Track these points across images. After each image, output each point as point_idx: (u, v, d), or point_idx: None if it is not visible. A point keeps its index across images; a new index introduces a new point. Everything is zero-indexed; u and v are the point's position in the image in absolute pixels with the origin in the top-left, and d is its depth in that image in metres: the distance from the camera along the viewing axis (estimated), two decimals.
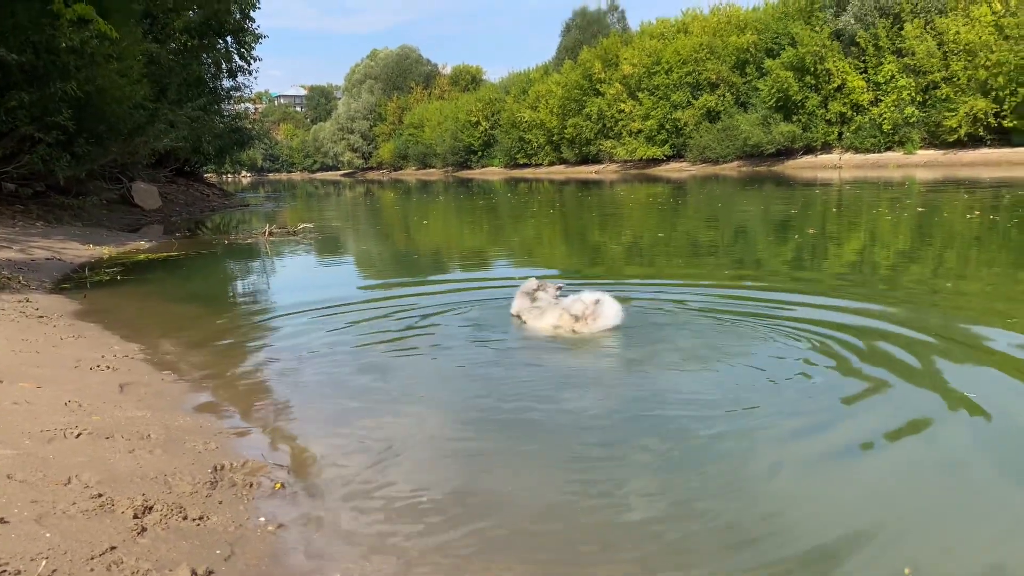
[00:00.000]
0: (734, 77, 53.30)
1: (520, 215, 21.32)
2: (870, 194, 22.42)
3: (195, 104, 27.01)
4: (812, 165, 46.34)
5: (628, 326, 6.23)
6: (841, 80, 46.18)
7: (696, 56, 54.44)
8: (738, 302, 7.00)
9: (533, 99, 72.01)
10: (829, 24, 47.32)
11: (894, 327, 5.84)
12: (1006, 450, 3.65)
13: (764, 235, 13.33)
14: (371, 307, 7.57)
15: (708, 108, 53.85)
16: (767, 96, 48.92)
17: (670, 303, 7.06)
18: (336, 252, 13.93)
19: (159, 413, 4.29)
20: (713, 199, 24.22)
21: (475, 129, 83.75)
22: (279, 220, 21.65)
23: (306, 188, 62.30)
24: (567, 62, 70.40)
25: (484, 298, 7.91)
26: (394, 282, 9.40)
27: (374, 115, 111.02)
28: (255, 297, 8.69)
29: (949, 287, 7.51)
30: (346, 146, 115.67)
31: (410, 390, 4.84)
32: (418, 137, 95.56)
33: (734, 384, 4.66)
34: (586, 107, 63.90)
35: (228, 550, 2.74)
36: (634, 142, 59.09)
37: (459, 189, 43.79)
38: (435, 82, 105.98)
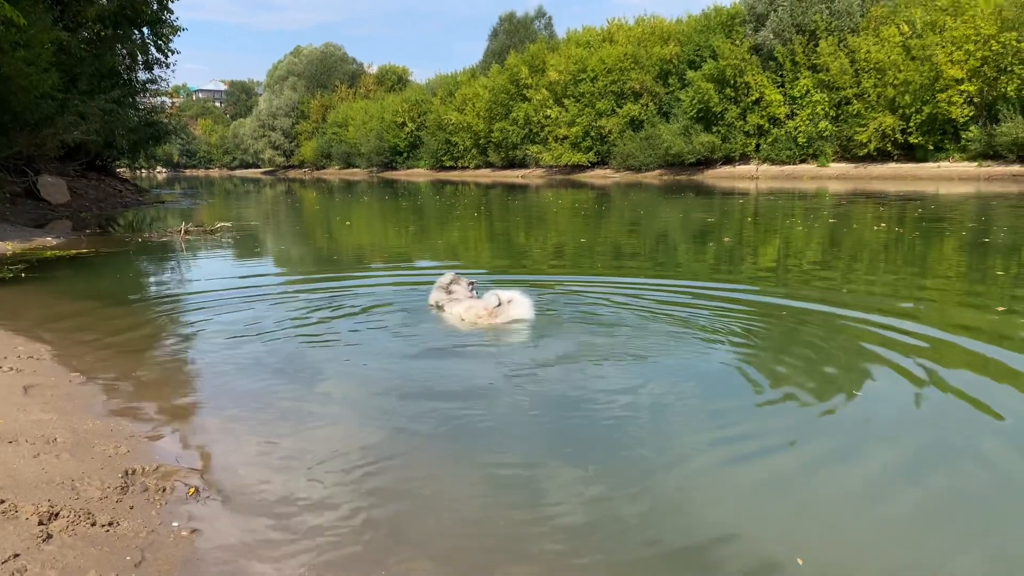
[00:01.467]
0: (657, 87, 54.40)
1: (446, 217, 21.31)
2: (785, 205, 23.23)
3: (108, 96, 26.11)
4: (730, 175, 47.69)
5: (547, 320, 6.36)
6: (759, 93, 47.68)
7: (620, 65, 55.37)
8: (655, 297, 7.19)
9: (460, 102, 71.97)
10: (749, 38, 48.83)
11: (805, 325, 6.10)
12: (899, 439, 3.87)
13: (684, 242, 13.68)
14: (288, 306, 7.48)
15: (632, 117, 54.81)
16: (688, 107, 50.13)
17: (592, 298, 7.21)
18: (255, 252, 13.66)
19: (67, 416, 4.17)
20: (636, 206, 24.69)
21: (401, 130, 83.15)
22: (196, 218, 21.10)
23: (225, 185, 60.77)
24: (494, 66, 70.60)
25: (404, 296, 7.95)
26: (312, 280, 9.30)
27: (296, 112, 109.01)
28: (169, 297, 8.47)
29: (852, 288, 7.86)
30: (267, 143, 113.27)
31: (327, 391, 4.82)
32: (342, 136, 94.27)
33: (646, 380, 4.79)
34: (513, 112, 64.21)
35: (139, 556, 2.70)
36: (560, 148, 59.66)
37: (384, 190, 43.43)
38: (360, 81, 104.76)
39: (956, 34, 38.53)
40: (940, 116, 39.17)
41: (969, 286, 8.33)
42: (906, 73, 40.48)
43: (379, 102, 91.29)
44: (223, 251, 13.26)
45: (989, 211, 18.51)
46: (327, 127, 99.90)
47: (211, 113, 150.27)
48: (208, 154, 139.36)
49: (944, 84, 38.62)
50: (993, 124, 37.35)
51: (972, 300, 7.49)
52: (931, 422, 4.16)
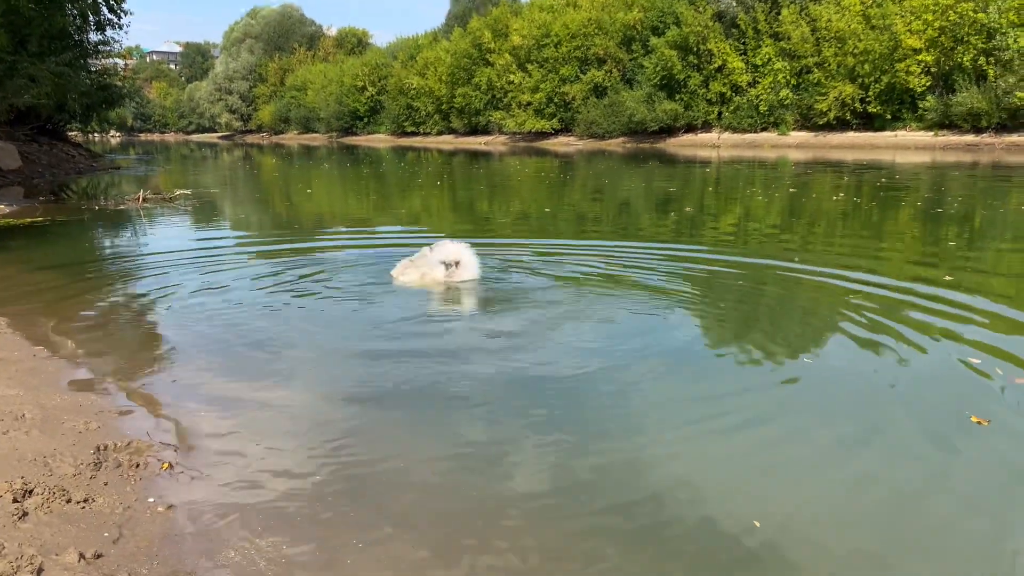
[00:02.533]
0: (621, 53, 54.18)
1: (408, 185, 21.18)
2: (746, 174, 23.49)
3: (59, 58, 25.30)
4: (693, 143, 47.90)
5: (509, 285, 6.44)
6: (722, 61, 47.75)
7: (584, 31, 54.98)
8: (620, 259, 7.30)
9: (422, 66, 70.99)
10: (712, 5, 48.76)
11: (760, 284, 6.26)
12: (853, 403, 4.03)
13: (647, 210, 13.80)
14: (253, 275, 7.45)
15: (595, 83, 54.56)
16: (652, 74, 50.05)
17: (554, 260, 7.30)
18: (215, 219, 13.49)
19: (33, 392, 4.14)
20: (599, 175, 24.77)
21: (361, 94, 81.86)
22: (153, 185, 20.70)
23: (180, 151, 59.54)
24: (456, 30, 69.63)
25: (368, 263, 7.98)
26: (275, 248, 9.23)
27: (254, 76, 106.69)
28: (130, 267, 8.36)
29: (810, 249, 8.05)
30: (224, 107, 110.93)
31: (295, 361, 4.84)
32: (301, 100, 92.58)
33: (609, 344, 4.89)
34: (475, 77, 63.52)
35: (117, 532, 2.73)
36: (523, 114, 59.27)
37: (344, 156, 42.92)
38: (319, 44, 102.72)
39: (915, 3, 38.95)
40: (898, 86, 39.71)
41: (922, 249, 8.56)
42: (866, 42, 40.89)
43: (338, 65, 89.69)
44: (182, 219, 13.07)
45: (944, 181, 18.92)
46: (285, 91, 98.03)
47: (166, 76, 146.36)
48: (163, 118, 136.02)
49: (902, 54, 39.11)
50: (949, 94, 37.99)
51: (923, 264, 7.71)
52: (887, 383, 4.32)
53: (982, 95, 35.97)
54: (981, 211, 12.85)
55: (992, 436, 3.70)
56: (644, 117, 49.91)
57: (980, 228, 10.98)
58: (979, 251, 8.90)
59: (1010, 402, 4.09)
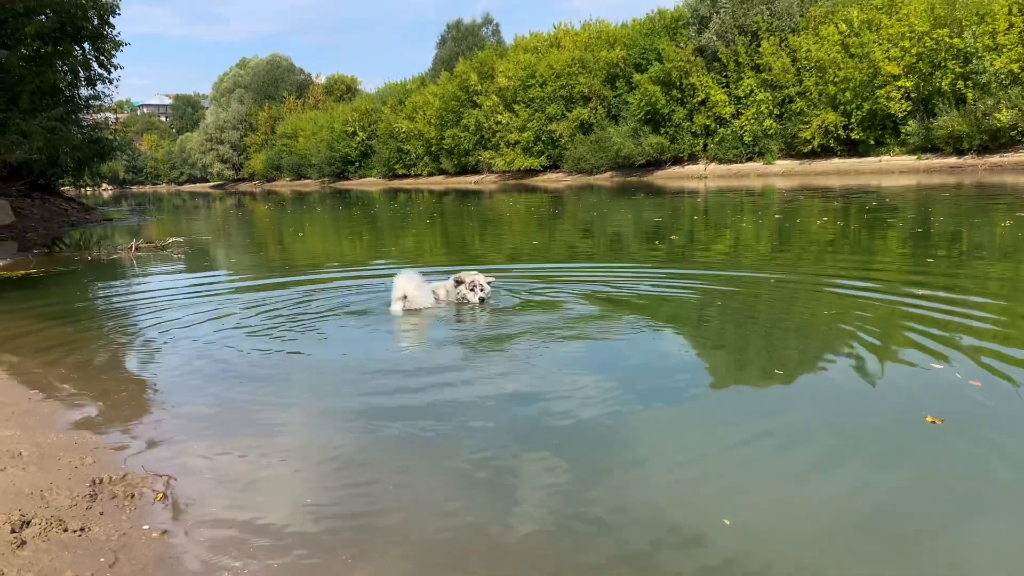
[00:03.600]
0: (605, 91, 55.00)
1: (400, 225, 21.35)
2: (733, 203, 23.73)
3: (51, 114, 25.61)
4: (680, 175, 48.40)
5: (508, 310, 6.52)
6: (705, 94, 48.49)
7: (569, 70, 55.89)
8: (612, 281, 7.39)
9: (410, 110, 71.90)
10: (693, 40, 49.64)
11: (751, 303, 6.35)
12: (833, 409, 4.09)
13: (636, 240, 13.95)
14: (244, 314, 7.52)
15: (582, 120, 55.32)
16: (636, 109, 50.79)
17: (547, 285, 7.39)
18: (208, 264, 13.59)
19: (29, 431, 4.19)
20: (589, 208, 25.00)
21: (352, 139, 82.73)
22: (145, 234, 20.82)
23: (173, 201, 59.85)
24: (443, 74, 70.67)
25: (360, 298, 8.08)
26: (267, 288, 9.30)
27: (245, 125, 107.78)
28: (122, 312, 8.42)
29: (800, 268, 8.16)
30: (215, 157, 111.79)
31: (289, 394, 4.90)
32: (292, 147, 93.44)
33: (606, 368, 4.96)
34: (464, 118, 64.34)
35: (112, 557, 2.77)
36: (512, 153, 59.97)
37: (336, 200, 43.21)
38: (309, 92, 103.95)
39: (892, 31, 39.73)
40: (880, 112, 40.31)
41: (911, 265, 8.69)
42: (846, 71, 41.59)
43: (328, 112, 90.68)
44: (175, 265, 13.16)
45: (930, 202, 19.15)
46: (276, 139, 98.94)
47: (157, 128, 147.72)
48: (155, 170, 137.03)
49: (882, 80, 39.77)
50: (930, 118, 38.54)
51: (914, 278, 7.83)
52: (876, 393, 4.39)
53: (962, 118, 36.54)
54: (967, 229, 13.03)
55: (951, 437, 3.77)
56: (631, 151, 50.49)
57: (967, 245, 11.13)
58: (967, 266, 9.02)
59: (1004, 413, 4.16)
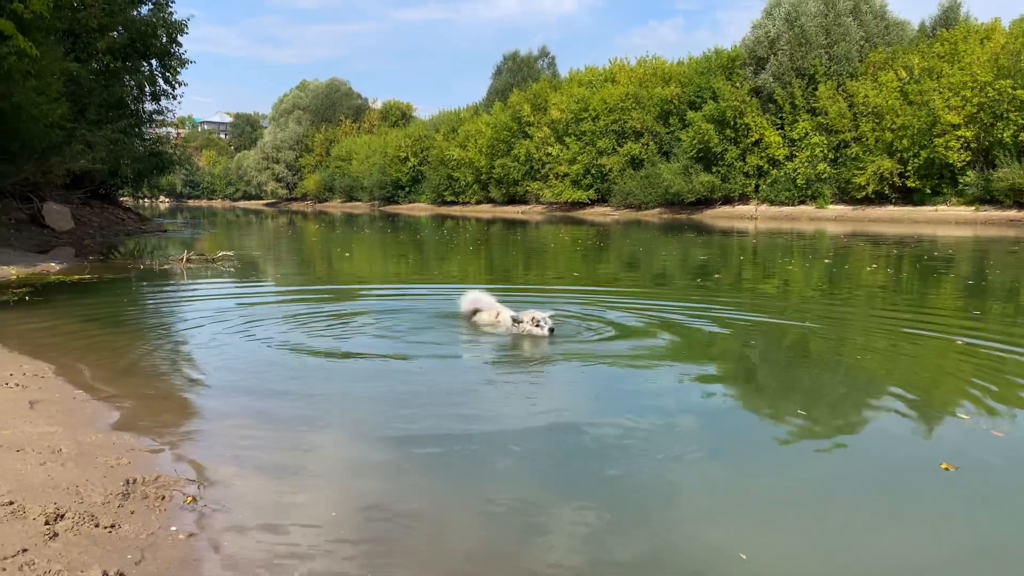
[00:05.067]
0: (658, 127, 55.13)
1: (445, 250, 21.55)
2: (783, 245, 23.49)
3: (115, 126, 26.49)
4: (729, 215, 48.11)
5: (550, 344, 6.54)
6: (759, 135, 48.29)
7: (622, 105, 56.17)
8: (652, 315, 7.37)
9: (463, 138, 72.81)
10: (749, 81, 49.59)
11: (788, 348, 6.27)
12: None
13: (683, 275, 13.89)
14: (286, 328, 7.67)
15: (632, 155, 55.45)
16: (689, 147, 50.75)
17: (584, 317, 7.40)
18: (255, 278, 13.87)
19: (71, 429, 4.32)
20: (635, 243, 24.96)
21: (403, 164, 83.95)
22: (197, 247, 21.33)
23: (227, 216, 61.22)
24: (497, 104, 71.55)
25: (403, 321, 8.14)
26: (311, 303, 9.46)
27: (301, 146, 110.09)
28: (170, 320, 8.65)
29: (847, 313, 8.04)
30: (270, 175, 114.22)
31: (326, 411, 4.96)
32: (345, 170, 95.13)
33: (642, 406, 4.94)
34: (514, 148, 64.94)
35: (139, 555, 2.84)
36: (560, 185, 60.30)
37: (385, 223, 43.78)
38: (365, 116, 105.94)
39: (953, 80, 39.16)
40: (937, 160, 39.64)
41: (965, 315, 8.50)
42: (903, 118, 41.05)
43: (382, 137, 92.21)
44: (224, 278, 13.45)
45: (988, 254, 18.73)
46: (330, 160, 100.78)
47: (216, 145, 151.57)
48: (211, 185, 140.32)
49: (941, 129, 39.15)
50: (990, 169, 37.78)
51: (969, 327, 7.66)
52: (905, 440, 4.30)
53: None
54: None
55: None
56: (681, 189, 50.30)
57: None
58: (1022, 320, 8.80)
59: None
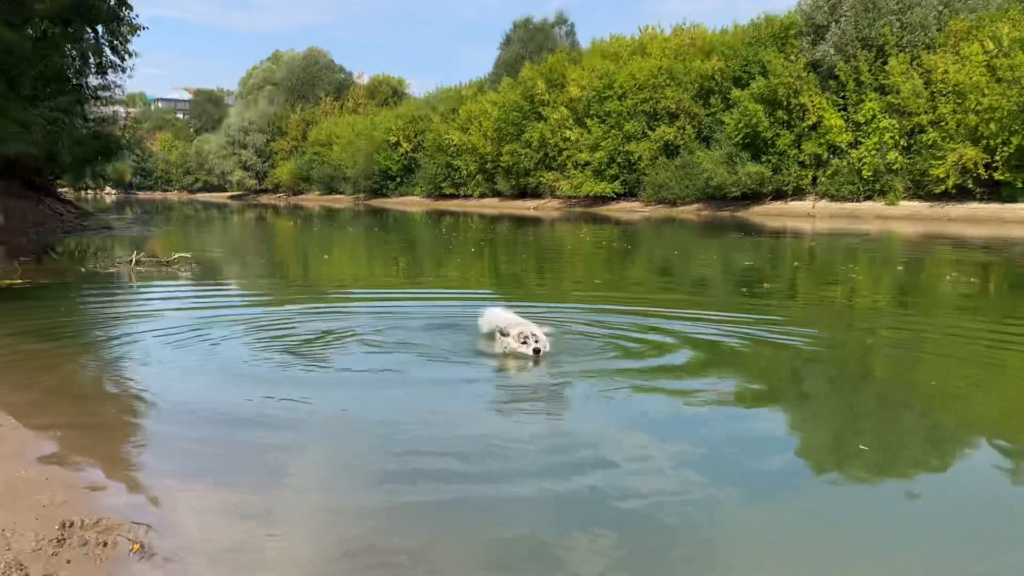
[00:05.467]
0: (696, 107, 55.09)
1: (443, 253, 21.56)
2: (845, 248, 23.41)
3: (53, 103, 26.64)
4: (781, 212, 47.97)
5: (561, 361, 6.52)
6: (817, 117, 48.16)
7: (654, 81, 56.13)
8: (681, 333, 7.33)
9: (464, 119, 72.95)
10: (805, 53, 49.52)
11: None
12: None
13: (724, 287, 13.84)
14: (250, 344, 7.69)
15: (666, 141, 55.40)
16: (733, 131, 50.64)
17: (604, 332, 7.37)
18: (215, 286, 13.90)
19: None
20: (669, 245, 24.94)
21: (394, 151, 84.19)
22: (149, 248, 21.38)
23: (184, 211, 61.46)
24: (505, 79, 71.66)
25: (384, 335, 8.15)
26: (278, 317, 9.45)
27: (273, 128, 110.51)
28: (114, 335, 8.65)
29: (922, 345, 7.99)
30: (237, 163, 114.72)
31: (295, 440, 4.95)
32: (325, 157, 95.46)
33: (664, 435, 4.91)
34: (526, 133, 64.98)
35: None
36: (580, 176, 60.32)
37: (372, 220, 43.91)
38: (348, 93, 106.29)
39: None
40: None
41: None
42: (991, 98, 40.83)
43: (370, 118, 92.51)
44: (179, 285, 13.47)
45: None
46: (308, 146, 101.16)
47: (172, 126, 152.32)
48: (167, 174, 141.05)
49: None
50: None
51: None
52: None
53: None
54: None
55: None
56: (723, 181, 50.20)
57: None
58: None
59: None
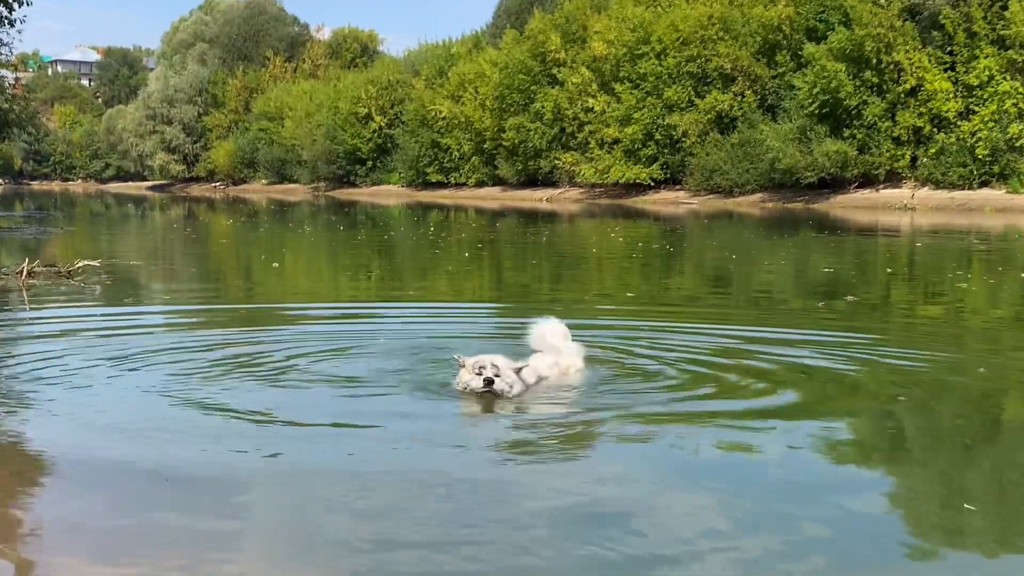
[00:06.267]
0: (759, 68, 54.93)
1: (429, 258, 21.53)
2: (954, 249, 23.33)
3: None
4: (871, 203, 47.63)
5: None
6: (917, 80, 47.93)
7: (703, 34, 55.90)
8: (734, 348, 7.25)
9: (455, 85, 72.94)
10: None
11: None
12: None
13: (795, 299, 13.77)
14: (178, 376, 7.66)
15: (719, 112, 55.20)
16: (806, 98, 50.34)
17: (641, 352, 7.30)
18: (130, 302, 13.87)
19: None
20: (723, 246, 24.84)
21: (365, 126, 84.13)
22: (45, 253, 21.38)
23: (92, 206, 61.71)
24: (509, 32, 71.62)
25: (351, 364, 8.16)
26: (217, 339, 9.52)
27: (206, 98, 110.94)
28: (3, 365, 8.61)
29: None
30: (159, 143, 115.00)
31: (241, 509, 4.88)
32: (274, 134, 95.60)
33: (727, 489, 4.84)
34: (536, 101, 64.80)
35: None
36: (608, 157, 60.04)
37: (336, 216, 43.94)
38: (305, 51, 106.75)
39: None
40: None
41: None
42: None
43: (332, 83, 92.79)
44: (85, 301, 13.46)
45: None
46: (251, 120, 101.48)
47: (76, 96, 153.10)
48: (68, 158, 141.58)
49: None
50: None
51: None
52: None
53: None
54: None
55: None
56: (794, 163, 50.04)
57: None
58: None
59: None
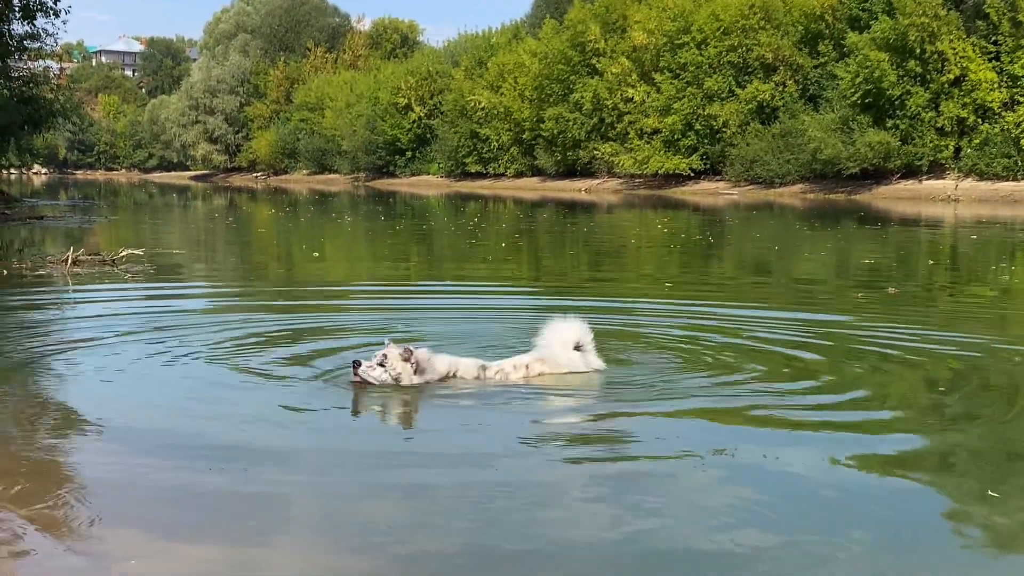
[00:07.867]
0: (801, 57, 54.59)
1: (467, 248, 21.48)
2: (998, 242, 23.05)
3: None
4: (914, 194, 47.33)
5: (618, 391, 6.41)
6: (961, 69, 47.47)
7: (744, 23, 55.63)
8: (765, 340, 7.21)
9: (495, 76, 72.85)
10: None
11: None
12: None
13: (836, 289, 13.66)
14: (221, 365, 7.70)
15: (760, 102, 54.93)
16: (849, 88, 50.01)
17: None
18: (172, 292, 13.93)
19: None
20: (765, 238, 24.67)
21: (404, 117, 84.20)
22: (89, 243, 21.55)
23: (135, 195, 62.05)
24: (548, 22, 71.47)
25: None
26: (254, 334, 9.44)
27: (248, 88, 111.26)
28: (45, 352, 8.65)
29: None
30: (202, 133, 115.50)
31: (271, 501, 4.89)
32: (315, 125, 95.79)
33: (769, 501, 4.81)
34: (576, 92, 64.71)
35: None
36: (647, 148, 59.92)
37: (375, 206, 43.98)
38: (345, 42, 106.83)
39: None
40: None
41: None
42: None
43: (372, 74, 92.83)
44: (128, 288, 13.54)
45: None
46: (292, 111, 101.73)
47: (119, 87, 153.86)
48: (111, 148, 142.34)
49: None
50: None
51: None
52: None
53: None
54: None
55: None
56: (836, 154, 49.71)
57: None
58: None
59: None
